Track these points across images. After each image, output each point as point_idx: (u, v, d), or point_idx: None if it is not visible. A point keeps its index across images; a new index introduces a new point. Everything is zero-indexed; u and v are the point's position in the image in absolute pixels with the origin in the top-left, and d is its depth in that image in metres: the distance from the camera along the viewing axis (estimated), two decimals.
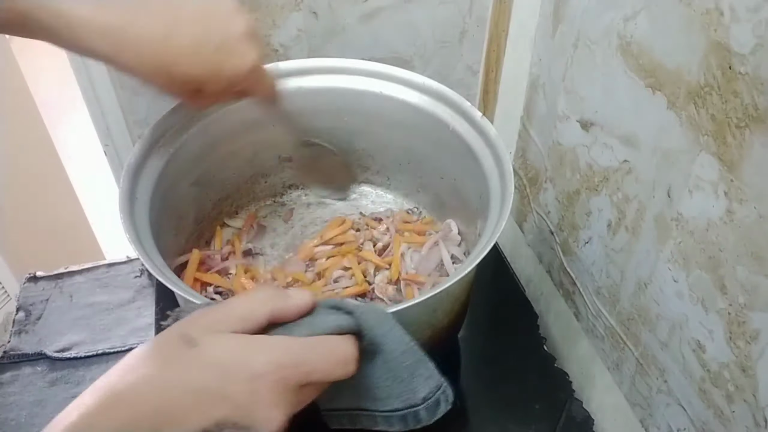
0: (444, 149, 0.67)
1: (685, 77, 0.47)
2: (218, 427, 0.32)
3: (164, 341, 0.35)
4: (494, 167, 0.59)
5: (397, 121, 0.69)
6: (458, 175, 0.68)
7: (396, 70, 0.68)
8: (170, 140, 0.62)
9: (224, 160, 0.70)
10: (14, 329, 0.75)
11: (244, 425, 0.33)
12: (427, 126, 0.67)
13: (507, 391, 0.67)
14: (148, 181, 0.58)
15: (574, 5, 0.63)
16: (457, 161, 0.66)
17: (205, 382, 0.32)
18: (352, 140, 0.73)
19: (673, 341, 0.53)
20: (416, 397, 0.40)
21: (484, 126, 0.62)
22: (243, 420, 0.33)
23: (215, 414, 0.32)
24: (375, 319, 0.39)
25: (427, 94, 0.67)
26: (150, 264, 0.48)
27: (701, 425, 0.51)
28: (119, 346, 0.73)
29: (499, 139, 0.60)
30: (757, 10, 0.39)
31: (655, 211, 0.54)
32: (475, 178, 0.61)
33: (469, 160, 0.63)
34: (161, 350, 0.34)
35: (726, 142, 0.44)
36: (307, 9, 0.71)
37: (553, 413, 0.65)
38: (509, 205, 0.53)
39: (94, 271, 0.82)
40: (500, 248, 0.87)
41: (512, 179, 0.56)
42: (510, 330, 0.75)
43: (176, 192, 0.64)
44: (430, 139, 0.68)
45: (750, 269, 0.43)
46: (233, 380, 0.33)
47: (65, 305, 0.78)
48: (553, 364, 0.71)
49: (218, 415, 0.32)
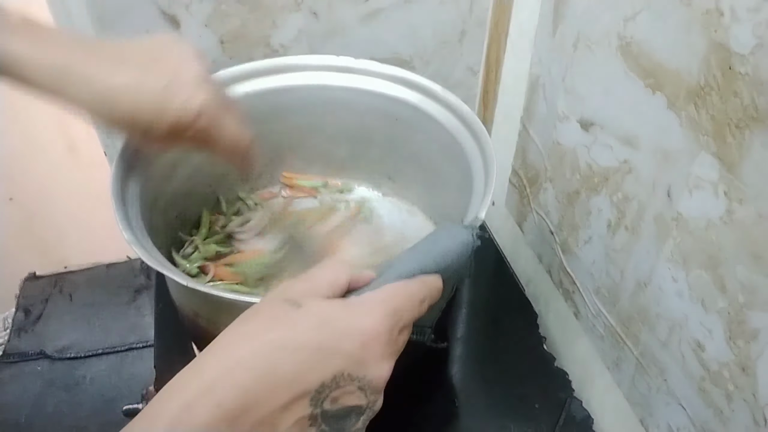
0: (417, 132, 0.69)
1: (685, 77, 0.47)
2: (335, 380, 0.33)
3: (269, 306, 0.35)
4: (475, 147, 0.61)
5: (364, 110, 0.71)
6: (437, 158, 0.69)
7: (359, 63, 0.69)
8: None
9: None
10: (14, 329, 0.75)
11: (357, 377, 0.34)
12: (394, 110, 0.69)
13: (507, 391, 0.68)
14: (138, 179, 0.59)
15: (574, 5, 0.63)
16: (434, 143, 0.68)
17: (320, 338, 0.33)
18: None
19: (673, 341, 0.53)
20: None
21: (456, 104, 0.65)
22: (357, 372, 0.34)
23: (331, 368, 0.33)
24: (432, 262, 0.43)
25: (394, 81, 0.69)
26: (140, 249, 0.49)
27: (701, 424, 0.51)
28: (119, 346, 0.73)
29: (473, 117, 0.63)
30: (757, 10, 0.39)
31: (655, 210, 0.54)
32: (456, 160, 0.63)
33: (447, 140, 0.65)
34: (268, 313, 0.35)
35: (726, 142, 0.44)
36: (307, 9, 0.71)
37: (553, 413, 0.65)
38: (493, 180, 0.55)
39: (94, 271, 0.83)
40: (500, 248, 0.87)
41: (493, 156, 0.58)
42: (510, 330, 0.75)
43: (166, 189, 0.64)
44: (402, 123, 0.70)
45: (750, 269, 0.43)
46: (345, 336, 0.34)
47: (65, 305, 0.78)
48: (552, 364, 0.71)
49: (335, 369, 0.33)
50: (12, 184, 1.16)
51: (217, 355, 0.33)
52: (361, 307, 0.36)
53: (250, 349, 0.33)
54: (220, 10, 0.69)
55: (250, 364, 0.32)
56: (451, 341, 0.73)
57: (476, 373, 0.70)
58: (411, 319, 0.39)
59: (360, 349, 0.34)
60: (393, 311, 0.36)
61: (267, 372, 0.32)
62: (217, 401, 0.30)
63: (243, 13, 0.70)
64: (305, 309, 0.35)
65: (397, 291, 0.38)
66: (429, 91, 0.68)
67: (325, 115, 0.73)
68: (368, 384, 0.35)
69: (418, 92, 0.68)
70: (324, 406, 0.33)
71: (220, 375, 0.31)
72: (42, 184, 1.19)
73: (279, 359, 0.32)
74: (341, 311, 0.35)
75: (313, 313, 0.34)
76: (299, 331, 0.33)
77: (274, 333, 0.33)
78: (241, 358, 0.32)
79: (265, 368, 0.32)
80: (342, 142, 0.75)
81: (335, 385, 0.33)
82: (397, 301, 0.37)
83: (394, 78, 0.69)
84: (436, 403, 0.67)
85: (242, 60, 0.72)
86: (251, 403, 0.31)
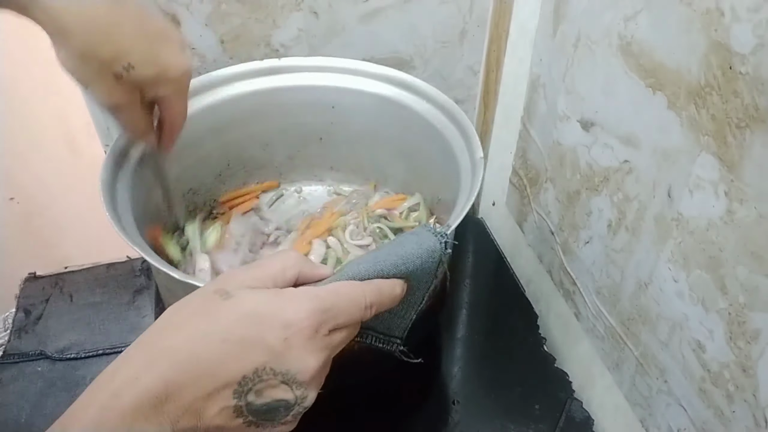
0: (405, 128, 0.70)
1: (686, 77, 0.47)
2: (256, 374, 0.34)
3: (199, 296, 0.36)
4: (460, 138, 0.63)
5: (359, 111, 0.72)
6: (425, 152, 0.70)
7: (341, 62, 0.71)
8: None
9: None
10: (14, 329, 0.75)
11: (280, 371, 0.34)
12: (390, 111, 0.71)
13: (507, 391, 0.68)
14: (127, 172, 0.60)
15: (575, 5, 0.63)
16: (420, 139, 0.69)
17: (242, 330, 0.34)
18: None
19: (673, 341, 0.53)
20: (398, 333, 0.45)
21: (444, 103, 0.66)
22: (279, 366, 0.34)
23: (253, 361, 0.34)
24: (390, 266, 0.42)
25: (382, 80, 0.70)
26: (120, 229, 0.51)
27: (701, 425, 0.51)
28: (119, 346, 0.73)
29: (459, 111, 0.64)
30: (757, 10, 0.39)
31: (656, 211, 0.54)
32: (442, 153, 0.65)
33: (433, 134, 0.66)
34: (198, 304, 0.36)
35: (726, 142, 0.44)
36: (308, 9, 0.71)
37: (553, 413, 0.65)
38: (481, 172, 0.56)
39: (94, 271, 0.82)
40: (500, 248, 0.87)
41: (479, 147, 0.59)
42: (510, 330, 0.75)
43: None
44: (392, 121, 0.71)
45: (750, 269, 0.43)
46: (268, 329, 0.34)
47: (65, 305, 0.78)
48: (553, 364, 0.71)
49: (256, 362, 0.34)
50: (12, 183, 1.16)
51: (145, 346, 0.34)
52: (291, 299, 0.36)
53: (176, 339, 0.34)
54: (221, 10, 0.69)
55: (174, 354, 0.33)
56: (451, 341, 0.73)
57: (476, 373, 0.70)
58: (348, 321, 0.38)
59: (282, 342, 0.34)
60: (323, 308, 0.36)
61: (190, 362, 0.33)
62: (143, 387, 0.32)
63: (243, 13, 0.70)
64: (234, 300, 0.35)
65: (337, 289, 0.38)
66: (410, 85, 0.69)
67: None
68: (292, 379, 0.35)
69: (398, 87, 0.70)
70: (248, 398, 0.34)
71: (145, 364, 0.33)
72: (42, 184, 1.19)
73: (202, 349, 0.33)
74: (268, 303, 0.35)
75: (240, 304, 0.35)
76: (224, 322, 0.34)
77: (200, 324, 0.34)
78: (166, 348, 0.33)
79: (188, 358, 0.33)
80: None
81: (257, 378, 0.34)
82: (332, 299, 0.37)
83: (375, 75, 0.70)
84: (436, 403, 0.67)
85: (242, 60, 0.72)
86: (174, 390, 0.32)
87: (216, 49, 0.72)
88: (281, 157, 0.79)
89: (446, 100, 0.67)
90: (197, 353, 0.33)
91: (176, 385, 0.32)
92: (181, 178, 0.70)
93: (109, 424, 0.31)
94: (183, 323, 0.35)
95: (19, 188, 1.16)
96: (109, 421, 0.31)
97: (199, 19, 0.69)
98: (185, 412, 0.32)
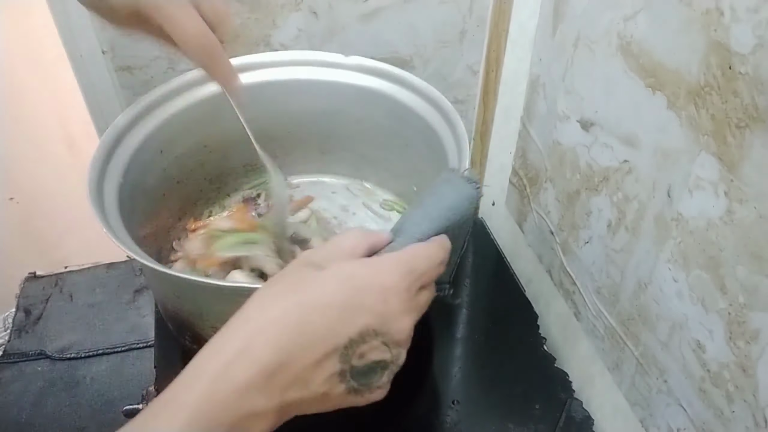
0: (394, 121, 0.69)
1: (685, 77, 0.47)
2: (361, 336, 0.35)
3: (294, 270, 0.37)
4: (445, 127, 0.62)
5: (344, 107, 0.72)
6: (412, 143, 0.70)
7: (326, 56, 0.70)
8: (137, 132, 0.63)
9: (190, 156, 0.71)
10: (14, 329, 0.75)
11: (382, 332, 0.35)
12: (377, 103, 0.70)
13: (507, 391, 0.68)
14: (117, 168, 0.59)
15: (574, 5, 0.63)
16: (408, 129, 0.68)
17: (344, 296, 0.35)
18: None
19: (673, 341, 0.53)
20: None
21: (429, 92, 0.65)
22: (381, 327, 0.35)
23: (358, 324, 0.35)
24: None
25: (367, 73, 0.69)
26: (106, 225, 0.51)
27: (701, 425, 0.51)
28: (119, 346, 0.73)
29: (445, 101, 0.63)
30: (757, 10, 0.39)
31: (655, 211, 0.54)
32: (429, 141, 0.64)
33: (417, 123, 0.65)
34: (293, 277, 0.37)
35: (726, 142, 0.44)
36: (307, 9, 0.71)
37: (553, 413, 0.65)
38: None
39: (94, 271, 0.82)
40: (500, 248, 0.87)
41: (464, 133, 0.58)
42: (510, 330, 0.75)
43: (146, 178, 0.65)
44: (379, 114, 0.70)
45: (750, 269, 0.43)
46: (368, 293, 0.35)
47: (65, 305, 0.78)
48: (553, 364, 0.71)
49: (360, 324, 0.35)
50: (12, 183, 1.16)
51: (250, 317, 0.34)
52: (381, 265, 0.37)
53: (281, 309, 0.34)
54: None
55: (283, 323, 0.33)
56: (451, 341, 0.73)
57: (476, 373, 0.70)
58: (430, 280, 0.40)
59: (382, 303, 0.35)
60: (411, 270, 0.38)
61: (299, 330, 0.33)
62: (254, 358, 0.32)
63: (243, 13, 0.70)
64: (328, 270, 0.36)
65: (416, 252, 0.39)
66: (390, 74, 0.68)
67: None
68: (391, 339, 0.36)
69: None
70: (352, 361, 0.35)
71: (254, 334, 0.33)
72: (42, 184, 1.19)
73: (309, 317, 0.34)
74: (362, 269, 0.37)
75: (335, 273, 0.36)
76: (326, 290, 0.35)
77: (302, 293, 0.35)
78: (274, 318, 0.34)
79: (297, 326, 0.33)
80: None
81: (362, 340, 0.35)
82: (416, 261, 0.38)
83: (361, 68, 0.70)
84: (437, 403, 0.67)
85: None
86: (285, 360, 0.33)
87: None
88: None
89: (426, 86, 0.65)
90: (304, 321, 0.34)
91: (288, 355, 0.33)
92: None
93: (220, 395, 0.31)
94: (284, 294, 0.35)
95: (19, 188, 1.16)
96: (221, 392, 0.31)
97: None
98: (294, 382, 0.33)
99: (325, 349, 0.34)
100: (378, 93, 0.69)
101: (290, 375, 0.33)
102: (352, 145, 0.76)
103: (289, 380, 0.33)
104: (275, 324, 0.33)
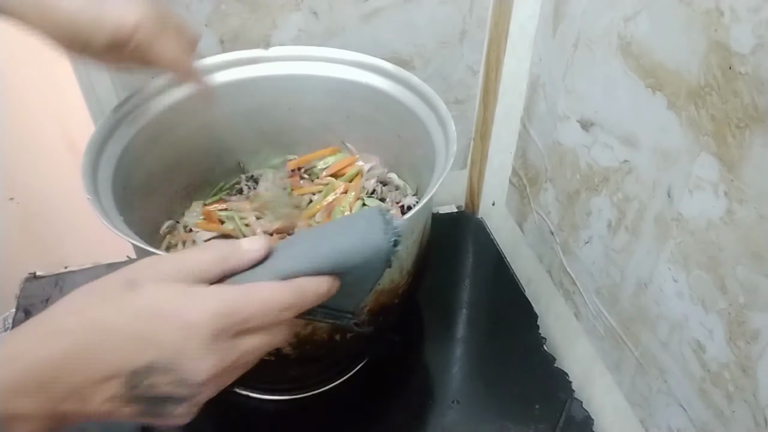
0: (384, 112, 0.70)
1: (686, 77, 0.47)
2: (147, 369, 0.33)
3: (107, 283, 0.36)
4: (434, 119, 0.62)
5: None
6: (403, 134, 0.70)
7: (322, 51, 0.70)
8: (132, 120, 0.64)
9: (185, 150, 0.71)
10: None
11: (172, 370, 0.34)
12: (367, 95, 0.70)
13: (507, 391, 0.68)
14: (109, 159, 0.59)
15: (574, 5, 0.63)
16: (397, 120, 0.68)
17: (138, 325, 0.34)
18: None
19: (673, 341, 0.53)
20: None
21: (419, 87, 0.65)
22: (172, 365, 0.34)
23: (144, 356, 0.33)
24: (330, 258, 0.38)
25: (360, 67, 0.70)
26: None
27: (701, 425, 0.51)
28: None
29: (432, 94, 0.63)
30: (757, 10, 0.39)
31: (655, 211, 0.54)
32: (418, 133, 0.64)
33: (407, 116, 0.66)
34: (103, 291, 0.35)
35: (726, 142, 0.44)
36: (307, 9, 0.71)
37: (553, 413, 0.65)
38: (453, 152, 0.56)
39: (94, 271, 0.82)
40: (500, 248, 0.87)
41: (453, 130, 0.58)
42: (510, 330, 0.75)
43: (140, 170, 0.65)
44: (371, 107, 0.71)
45: (750, 269, 0.43)
46: (165, 327, 0.34)
47: None
48: (553, 364, 0.71)
49: (148, 358, 0.33)
50: (12, 184, 1.16)
51: (40, 324, 0.34)
52: (197, 298, 0.35)
53: (75, 321, 0.34)
54: (220, 10, 0.69)
55: (70, 338, 0.33)
56: (451, 341, 0.73)
57: (476, 373, 0.70)
58: (261, 325, 0.36)
59: (181, 341, 0.33)
60: (231, 312, 0.35)
61: (79, 348, 0.33)
62: (27, 365, 0.32)
63: (243, 13, 0.70)
64: (139, 293, 0.34)
65: (249, 292, 0.36)
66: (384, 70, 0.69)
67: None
68: (183, 381, 0.34)
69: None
70: (137, 390, 0.34)
71: (36, 342, 0.33)
72: (42, 184, 1.19)
73: (94, 338, 0.33)
74: (172, 301, 0.34)
75: (142, 298, 0.34)
76: (120, 315, 0.34)
77: (99, 312, 0.34)
78: (63, 329, 0.33)
79: (80, 344, 0.33)
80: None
81: (148, 374, 0.33)
82: (244, 304, 0.35)
83: (353, 62, 0.70)
84: (437, 403, 0.67)
85: None
86: (61, 373, 0.32)
87: (215, 49, 0.72)
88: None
89: (420, 84, 0.65)
90: (89, 341, 0.33)
91: (63, 368, 0.32)
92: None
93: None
94: (83, 308, 0.34)
95: (19, 188, 1.16)
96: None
97: (199, 19, 0.69)
98: (70, 395, 0.32)
99: (105, 373, 0.33)
100: (377, 90, 0.69)
101: (65, 388, 0.32)
102: (349, 139, 0.77)
103: (64, 392, 0.32)
104: (63, 335, 0.33)
